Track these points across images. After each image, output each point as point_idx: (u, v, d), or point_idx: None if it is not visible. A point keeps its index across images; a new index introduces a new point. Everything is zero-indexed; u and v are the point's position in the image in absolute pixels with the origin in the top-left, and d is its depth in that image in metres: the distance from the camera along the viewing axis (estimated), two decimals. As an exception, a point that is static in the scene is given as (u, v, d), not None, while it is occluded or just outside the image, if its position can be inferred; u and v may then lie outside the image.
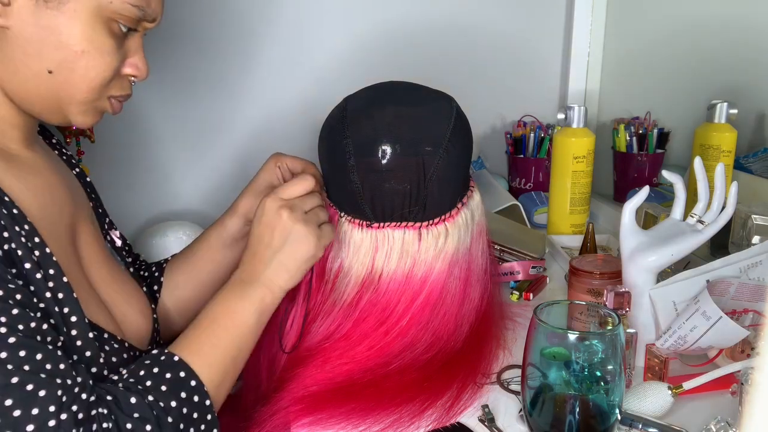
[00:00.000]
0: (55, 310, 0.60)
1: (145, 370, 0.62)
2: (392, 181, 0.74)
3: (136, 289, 0.79)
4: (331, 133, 0.78)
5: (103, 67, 0.64)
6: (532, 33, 1.43)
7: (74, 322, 0.62)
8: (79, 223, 0.72)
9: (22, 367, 0.54)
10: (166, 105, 1.29)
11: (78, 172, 0.80)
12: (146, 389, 0.61)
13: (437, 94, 0.80)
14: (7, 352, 0.54)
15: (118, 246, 0.84)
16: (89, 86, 0.65)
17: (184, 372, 0.63)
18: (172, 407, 0.60)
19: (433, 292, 0.76)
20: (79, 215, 0.73)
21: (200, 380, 0.64)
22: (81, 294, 0.66)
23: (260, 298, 0.70)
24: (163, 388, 0.61)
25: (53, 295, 0.60)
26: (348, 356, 0.74)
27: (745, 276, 0.75)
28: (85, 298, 0.66)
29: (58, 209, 0.68)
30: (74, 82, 0.64)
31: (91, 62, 0.63)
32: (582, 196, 1.20)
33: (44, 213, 0.65)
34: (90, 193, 0.81)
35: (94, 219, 0.78)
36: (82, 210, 0.74)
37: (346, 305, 0.76)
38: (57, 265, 0.62)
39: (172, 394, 0.61)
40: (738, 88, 1.08)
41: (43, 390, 0.54)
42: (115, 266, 0.77)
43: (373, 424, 0.69)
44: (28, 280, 0.59)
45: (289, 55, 1.32)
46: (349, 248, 0.77)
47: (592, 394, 0.57)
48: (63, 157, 0.79)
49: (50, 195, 0.68)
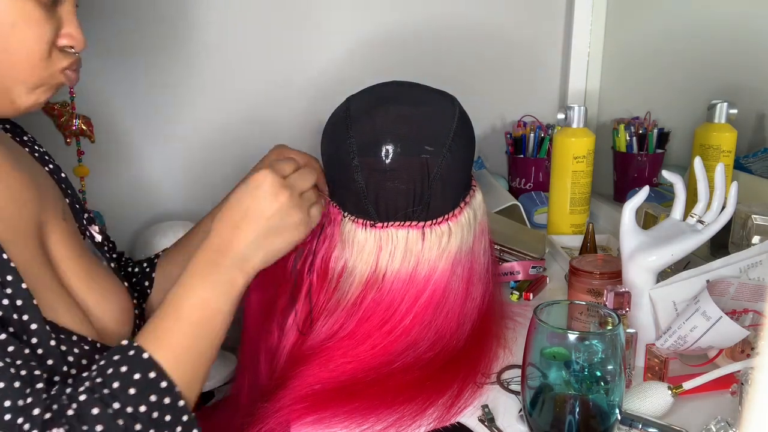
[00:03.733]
0: (14, 317, 0.58)
1: (113, 368, 0.58)
2: (396, 181, 0.75)
3: (116, 285, 0.77)
4: (334, 133, 0.78)
5: (37, 38, 0.62)
6: (532, 33, 1.43)
7: (34, 330, 0.59)
8: (49, 222, 0.70)
9: None
10: (166, 105, 1.29)
11: (52, 168, 0.78)
12: (113, 393, 0.57)
13: (440, 94, 0.80)
14: None
15: (98, 241, 0.81)
16: (29, 61, 0.62)
17: (155, 372, 0.59)
18: (140, 413, 0.57)
19: (437, 291, 0.76)
20: (49, 213, 0.70)
21: (171, 380, 0.59)
22: (48, 297, 0.64)
23: (232, 282, 0.66)
24: (132, 392, 0.57)
25: (11, 303, 0.58)
26: (351, 355, 0.74)
27: (745, 276, 0.75)
28: (53, 300, 0.65)
29: (18, 208, 0.65)
30: (13, 61, 0.61)
31: (23, 34, 0.61)
32: (582, 196, 1.20)
33: (3, 214, 0.63)
34: (65, 189, 0.79)
35: (70, 216, 0.75)
36: (53, 207, 0.72)
37: (350, 305, 0.77)
38: (15, 270, 0.60)
39: (142, 398, 0.58)
40: (738, 88, 1.08)
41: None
42: (92, 263, 0.75)
43: (375, 423, 0.69)
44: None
45: (290, 54, 1.32)
46: (352, 248, 0.77)
47: (592, 394, 0.57)
48: (35, 153, 0.77)
49: (9, 195, 0.65)
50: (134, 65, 1.26)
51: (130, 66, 1.25)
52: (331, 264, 0.78)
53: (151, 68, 1.26)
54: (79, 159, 1.12)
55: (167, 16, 1.25)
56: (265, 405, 0.72)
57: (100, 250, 0.81)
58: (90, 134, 1.12)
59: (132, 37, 1.24)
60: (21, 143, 0.76)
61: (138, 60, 1.26)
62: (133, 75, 1.26)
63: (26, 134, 0.79)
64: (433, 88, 0.81)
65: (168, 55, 1.26)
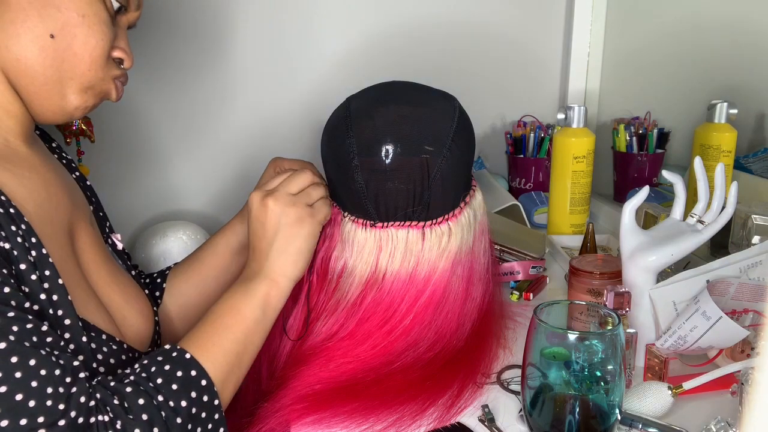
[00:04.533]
0: (50, 312, 0.59)
1: (156, 366, 0.62)
2: (396, 181, 0.75)
3: (137, 291, 0.79)
4: (334, 133, 0.78)
5: (102, 35, 0.65)
6: (532, 33, 1.43)
7: (68, 325, 0.61)
8: (78, 224, 0.72)
9: (13, 375, 0.52)
10: (166, 105, 1.29)
11: (77, 176, 0.80)
12: (156, 387, 0.60)
13: (440, 93, 0.81)
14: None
15: (120, 249, 0.83)
16: (91, 55, 0.65)
17: (195, 370, 0.63)
18: (182, 407, 0.60)
19: (437, 291, 0.76)
20: (78, 216, 0.72)
21: (210, 379, 0.63)
22: (79, 294, 0.65)
23: (265, 292, 0.70)
24: (174, 387, 0.61)
25: (48, 297, 0.60)
26: (352, 355, 0.74)
27: (745, 276, 0.75)
28: (84, 299, 0.66)
29: (55, 207, 0.67)
30: (76, 51, 0.64)
31: (91, 28, 0.64)
32: (582, 196, 1.20)
33: (41, 211, 0.65)
34: (90, 197, 0.81)
35: (94, 222, 0.77)
36: (82, 212, 0.74)
37: (350, 305, 0.77)
38: (53, 266, 0.61)
39: (183, 393, 0.61)
40: (738, 88, 1.08)
41: (33, 400, 0.52)
42: (115, 268, 0.77)
43: (375, 423, 0.69)
44: (22, 281, 0.58)
45: (290, 55, 1.32)
46: (352, 248, 0.77)
47: (592, 394, 0.57)
48: (63, 161, 0.79)
49: (46, 192, 0.67)
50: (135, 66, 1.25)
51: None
52: (331, 264, 0.78)
53: (151, 68, 1.26)
54: (79, 159, 1.12)
55: (169, 18, 1.25)
56: (265, 405, 0.72)
57: (120, 258, 0.82)
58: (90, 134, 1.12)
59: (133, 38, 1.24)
60: (50, 149, 0.77)
61: (139, 61, 1.25)
62: (134, 76, 1.26)
63: (54, 141, 0.80)
64: (433, 88, 0.81)
65: (170, 56, 1.26)
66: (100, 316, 0.68)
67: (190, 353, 0.64)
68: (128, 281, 0.78)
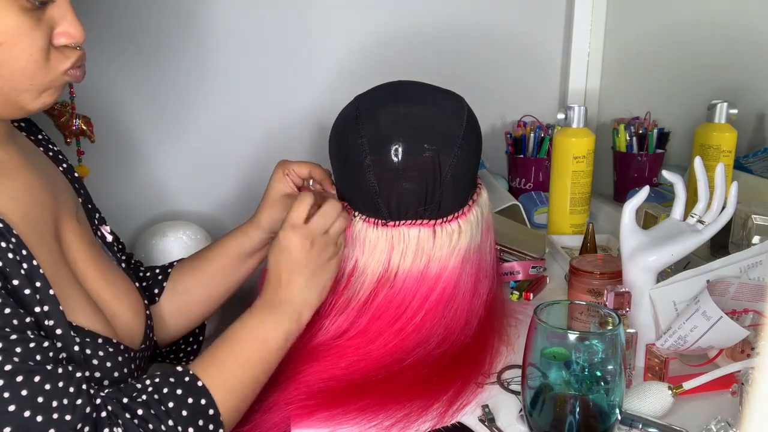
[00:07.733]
0: (44, 323, 0.60)
1: (168, 389, 0.64)
2: (408, 180, 0.75)
3: (128, 284, 0.78)
4: (344, 133, 0.78)
5: (28, 51, 0.60)
6: (532, 33, 1.43)
7: (60, 335, 0.61)
8: (63, 220, 0.71)
9: (20, 393, 0.54)
10: (166, 105, 1.29)
11: (66, 168, 0.78)
12: (167, 412, 0.62)
13: (447, 93, 0.81)
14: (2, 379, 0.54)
15: (109, 242, 0.82)
16: (25, 74, 0.60)
17: (205, 400, 0.65)
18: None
19: (447, 288, 0.77)
20: (63, 213, 0.71)
21: (218, 410, 0.65)
22: (72, 298, 0.65)
23: (291, 324, 0.72)
24: (184, 413, 0.63)
25: (41, 309, 0.60)
26: (364, 352, 0.75)
27: (745, 276, 0.75)
28: (77, 303, 0.66)
29: (40, 211, 0.67)
30: (9, 77, 0.60)
31: (12, 52, 0.59)
32: (582, 196, 1.20)
33: (27, 218, 0.64)
34: (78, 189, 0.79)
35: (82, 215, 0.76)
36: (67, 207, 0.73)
37: (361, 303, 0.77)
38: (43, 277, 0.61)
39: (191, 421, 0.63)
40: (738, 88, 1.08)
41: (40, 415, 0.55)
42: (104, 262, 0.76)
43: (385, 419, 0.69)
44: (17, 297, 0.59)
45: (292, 56, 1.32)
46: (364, 247, 0.77)
47: (592, 394, 0.57)
48: (49, 153, 0.77)
49: (30, 197, 0.66)
50: (135, 65, 1.26)
51: (131, 66, 1.25)
52: (342, 263, 0.78)
53: (152, 68, 1.26)
54: (79, 159, 1.12)
55: (170, 17, 1.25)
56: (273, 395, 0.72)
57: (110, 250, 0.82)
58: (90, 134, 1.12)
59: (133, 38, 1.25)
60: (35, 142, 0.76)
61: (139, 60, 1.26)
62: (134, 75, 1.26)
63: (41, 132, 0.79)
64: (440, 88, 0.82)
65: (170, 56, 1.26)
66: (94, 319, 0.68)
67: (202, 381, 0.66)
68: (118, 275, 0.77)
